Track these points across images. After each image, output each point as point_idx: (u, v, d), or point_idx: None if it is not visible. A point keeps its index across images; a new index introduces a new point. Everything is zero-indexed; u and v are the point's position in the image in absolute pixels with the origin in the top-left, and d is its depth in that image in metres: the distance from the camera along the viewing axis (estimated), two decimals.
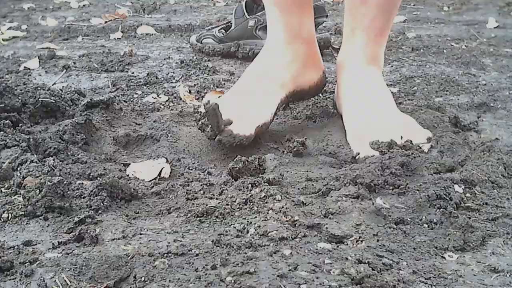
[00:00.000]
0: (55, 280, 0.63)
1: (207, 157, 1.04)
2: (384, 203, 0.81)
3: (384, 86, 1.13)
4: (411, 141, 0.98)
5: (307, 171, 0.94)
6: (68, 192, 0.81)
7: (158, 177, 0.92)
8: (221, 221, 0.76)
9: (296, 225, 0.73)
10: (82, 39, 2.00)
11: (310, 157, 1.01)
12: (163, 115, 1.22)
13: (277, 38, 1.14)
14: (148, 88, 1.42)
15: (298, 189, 0.87)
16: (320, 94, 1.36)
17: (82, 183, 0.84)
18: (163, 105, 1.30)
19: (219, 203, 0.80)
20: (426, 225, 0.76)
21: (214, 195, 0.85)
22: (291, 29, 1.12)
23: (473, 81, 1.44)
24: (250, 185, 0.85)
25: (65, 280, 0.62)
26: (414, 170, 0.91)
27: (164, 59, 1.68)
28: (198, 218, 0.77)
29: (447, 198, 0.80)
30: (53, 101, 1.13)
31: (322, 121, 1.19)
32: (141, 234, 0.72)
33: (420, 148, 0.98)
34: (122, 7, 2.53)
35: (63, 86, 1.40)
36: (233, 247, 0.68)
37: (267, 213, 0.76)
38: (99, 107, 1.17)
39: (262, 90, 1.10)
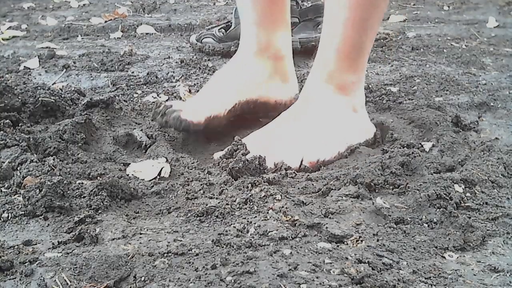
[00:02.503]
0: (55, 280, 0.63)
1: (207, 156, 1.04)
2: (384, 203, 0.81)
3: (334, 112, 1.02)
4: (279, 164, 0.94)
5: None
6: (68, 192, 0.81)
7: (158, 177, 0.92)
8: (221, 220, 0.76)
9: (296, 224, 0.73)
10: (82, 38, 2.00)
11: None
12: None
13: (244, 50, 1.15)
14: (148, 88, 1.42)
15: (298, 188, 0.87)
16: None
17: (82, 183, 0.84)
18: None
19: (219, 202, 0.80)
20: (426, 225, 0.76)
21: (214, 195, 0.85)
22: (258, 42, 1.13)
23: (473, 81, 1.44)
24: (250, 184, 0.85)
25: (65, 280, 0.62)
26: (414, 169, 0.91)
27: (164, 58, 1.68)
28: (198, 218, 0.77)
29: (447, 198, 0.80)
30: (53, 101, 1.13)
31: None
32: (141, 233, 0.72)
33: (422, 146, 0.98)
34: (122, 7, 2.52)
35: (63, 86, 1.40)
36: (233, 247, 0.68)
37: (267, 212, 0.76)
38: (99, 107, 1.17)
39: (222, 90, 1.12)
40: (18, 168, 0.89)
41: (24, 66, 1.59)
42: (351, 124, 1.03)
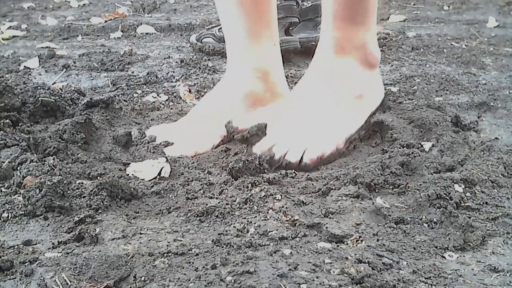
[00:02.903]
0: (55, 280, 0.63)
1: (207, 156, 1.04)
2: (384, 203, 0.81)
3: (342, 83, 1.03)
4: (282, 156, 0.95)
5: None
6: (68, 192, 0.81)
7: (158, 177, 0.92)
8: (221, 220, 0.76)
9: (296, 224, 0.73)
10: (82, 38, 2.00)
11: None
12: (163, 114, 1.22)
13: (232, 69, 1.11)
14: (148, 88, 1.42)
15: (298, 188, 0.87)
16: None
17: (82, 183, 0.84)
18: (163, 104, 1.30)
19: (219, 202, 0.80)
20: (426, 225, 0.76)
21: (214, 195, 0.85)
22: (245, 60, 1.09)
23: (473, 81, 1.44)
24: (250, 184, 0.85)
25: (65, 280, 0.62)
26: (414, 169, 0.91)
27: (164, 58, 1.68)
28: (198, 218, 0.77)
29: (447, 198, 0.80)
30: (53, 101, 1.13)
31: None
32: (141, 233, 0.72)
33: (422, 146, 0.98)
34: (122, 6, 2.52)
35: (63, 86, 1.40)
36: (233, 247, 0.68)
37: (267, 212, 0.76)
38: (99, 107, 1.17)
39: (209, 121, 1.08)
40: (18, 168, 0.89)
41: (24, 66, 1.59)
42: (356, 108, 1.03)
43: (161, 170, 0.93)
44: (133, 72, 1.54)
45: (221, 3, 1.11)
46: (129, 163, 0.97)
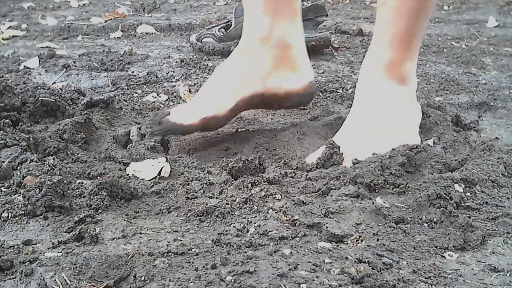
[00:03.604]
0: (55, 280, 0.62)
1: (207, 156, 1.04)
2: (384, 203, 0.81)
3: (391, 105, 1.03)
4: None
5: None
6: (68, 192, 0.81)
7: (158, 176, 0.92)
8: (221, 220, 0.76)
9: (296, 224, 0.73)
10: (82, 38, 2.00)
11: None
12: None
13: (246, 41, 1.10)
14: (148, 87, 1.42)
15: (298, 188, 0.87)
16: (320, 93, 1.36)
17: (82, 182, 0.84)
18: (163, 104, 1.30)
19: (219, 202, 0.80)
20: (426, 225, 0.76)
21: (214, 194, 0.85)
22: (260, 32, 1.08)
23: (473, 80, 1.44)
24: (250, 184, 0.85)
25: (65, 280, 0.62)
26: (417, 166, 0.91)
27: (164, 58, 1.68)
28: (198, 218, 0.77)
29: (447, 197, 0.80)
30: (53, 100, 1.13)
31: (323, 119, 1.19)
32: (141, 233, 0.72)
33: (428, 145, 0.99)
34: (122, 6, 2.53)
35: (63, 85, 1.40)
36: (233, 247, 0.68)
37: (267, 212, 0.76)
38: (99, 106, 1.17)
39: (222, 87, 1.07)
40: (18, 168, 0.89)
41: (24, 66, 1.59)
42: (412, 122, 1.04)
43: (161, 169, 0.93)
44: (133, 72, 1.54)
45: None
46: (129, 163, 0.97)
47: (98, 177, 0.90)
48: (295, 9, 1.10)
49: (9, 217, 0.77)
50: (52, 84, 1.43)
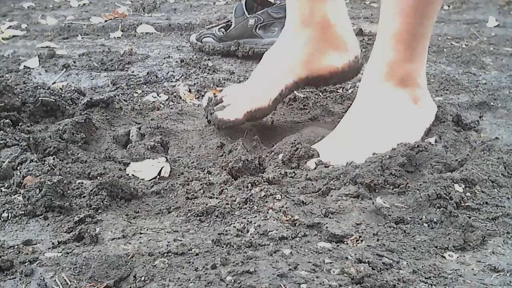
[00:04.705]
0: (55, 280, 0.62)
1: (207, 156, 1.04)
2: (384, 203, 0.81)
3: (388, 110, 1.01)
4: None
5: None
6: (68, 192, 0.80)
7: (158, 176, 0.92)
8: (221, 220, 0.76)
9: (296, 224, 0.73)
10: (82, 38, 2.00)
11: None
12: (163, 114, 1.22)
13: (289, 24, 1.11)
14: (148, 87, 1.42)
15: (298, 188, 0.87)
16: (320, 93, 1.36)
17: (82, 183, 0.84)
18: (163, 104, 1.30)
19: (219, 202, 0.80)
20: (426, 225, 0.76)
21: (214, 195, 0.85)
22: (301, 14, 1.08)
23: (473, 80, 1.44)
24: (250, 184, 0.85)
25: (65, 280, 0.62)
26: (417, 166, 0.91)
27: (164, 58, 1.68)
28: (198, 218, 0.77)
29: (447, 198, 0.80)
30: (53, 100, 1.13)
31: (324, 120, 1.19)
32: (141, 233, 0.72)
33: (430, 143, 0.99)
34: (122, 6, 2.52)
35: (63, 85, 1.40)
36: (233, 247, 0.68)
37: (267, 212, 0.76)
38: (99, 106, 1.17)
39: (267, 76, 1.09)
40: (18, 168, 0.89)
41: (24, 66, 1.59)
42: (411, 126, 1.02)
43: (161, 170, 0.93)
44: (133, 72, 1.54)
45: None
46: (129, 163, 0.97)
47: (98, 177, 0.90)
48: None
49: (9, 217, 0.77)
50: (52, 84, 1.43)
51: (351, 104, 1.08)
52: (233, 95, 1.11)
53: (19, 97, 1.11)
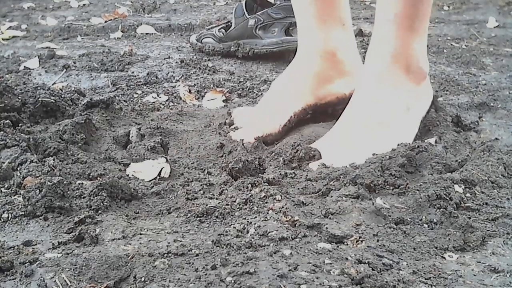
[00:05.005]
0: (55, 280, 0.63)
1: (207, 156, 1.04)
2: (384, 203, 0.81)
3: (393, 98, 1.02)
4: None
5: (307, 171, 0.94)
6: (68, 192, 0.81)
7: (158, 177, 0.92)
8: (221, 221, 0.76)
9: (296, 225, 0.73)
10: (82, 38, 2.00)
11: None
12: (163, 114, 1.22)
13: (300, 51, 1.15)
14: (148, 88, 1.42)
15: (298, 189, 0.87)
16: None
17: (82, 183, 0.84)
18: (163, 104, 1.30)
19: (219, 203, 0.80)
20: (426, 225, 0.76)
21: (214, 195, 0.85)
22: (313, 43, 1.12)
23: (473, 81, 1.44)
24: (250, 185, 0.85)
25: (65, 280, 0.62)
26: (417, 167, 0.91)
27: (164, 58, 1.68)
28: (198, 218, 0.77)
29: (447, 198, 0.80)
30: (53, 101, 1.13)
31: (325, 120, 1.18)
32: (141, 234, 0.72)
33: (430, 144, 0.99)
34: (122, 7, 2.52)
35: (63, 86, 1.40)
36: (233, 247, 0.68)
37: (267, 213, 0.76)
38: (99, 107, 1.17)
39: (276, 103, 1.13)
40: (18, 169, 0.89)
41: (24, 66, 1.59)
42: (409, 119, 1.03)
43: (161, 170, 0.93)
44: (133, 72, 1.54)
45: None
46: (129, 164, 0.97)
47: (98, 178, 0.90)
48: (341, 18, 1.12)
49: (9, 218, 0.77)
50: (52, 84, 1.43)
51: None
52: (244, 119, 1.14)
53: (19, 97, 1.11)
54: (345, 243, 0.70)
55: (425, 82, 1.07)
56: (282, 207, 0.77)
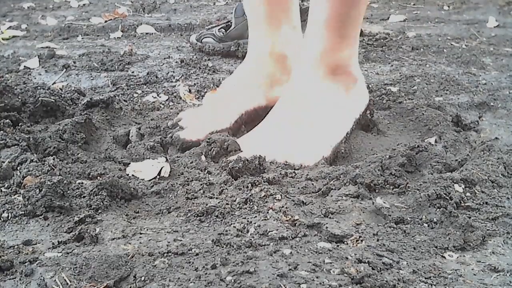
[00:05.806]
0: (55, 280, 0.63)
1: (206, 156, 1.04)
2: (384, 203, 0.81)
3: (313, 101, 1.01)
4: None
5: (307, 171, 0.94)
6: (68, 192, 0.81)
7: (158, 177, 0.92)
8: (221, 220, 0.76)
9: (296, 224, 0.73)
10: (82, 38, 2.00)
11: None
12: (163, 114, 1.22)
13: (251, 52, 1.16)
14: (148, 88, 1.42)
15: (298, 188, 0.87)
16: None
17: (82, 183, 0.84)
18: (163, 104, 1.30)
19: (219, 202, 0.80)
20: (426, 225, 0.76)
21: (214, 195, 0.85)
22: (262, 45, 1.13)
23: (473, 81, 1.44)
24: (250, 184, 0.85)
25: (65, 280, 0.62)
26: (417, 166, 0.91)
27: (164, 58, 1.68)
28: (198, 218, 0.77)
29: (447, 198, 0.80)
30: (53, 101, 1.13)
31: None
32: (141, 233, 0.72)
33: (430, 143, 0.99)
34: (122, 6, 2.53)
35: (63, 86, 1.40)
36: (233, 247, 0.68)
37: (267, 212, 0.76)
38: (99, 107, 1.17)
39: (228, 100, 1.12)
40: (18, 168, 0.89)
41: (24, 66, 1.59)
42: (338, 117, 1.02)
43: (161, 170, 0.93)
44: (133, 72, 1.54)
45: None
46: (129, 163, 0.97)
47: (98, 177, 0.90)
48: (291, 20, 1.15)
49: (9, 217, 0.77)
50: (52, 84, 1.43)
51: None
52: (190, 119, 1.12)
53: (19, 97, 1.11)
54: (345, 242, 0.70)
55: (357, 85, 1.06)
56: (282, 207, 0.77)
